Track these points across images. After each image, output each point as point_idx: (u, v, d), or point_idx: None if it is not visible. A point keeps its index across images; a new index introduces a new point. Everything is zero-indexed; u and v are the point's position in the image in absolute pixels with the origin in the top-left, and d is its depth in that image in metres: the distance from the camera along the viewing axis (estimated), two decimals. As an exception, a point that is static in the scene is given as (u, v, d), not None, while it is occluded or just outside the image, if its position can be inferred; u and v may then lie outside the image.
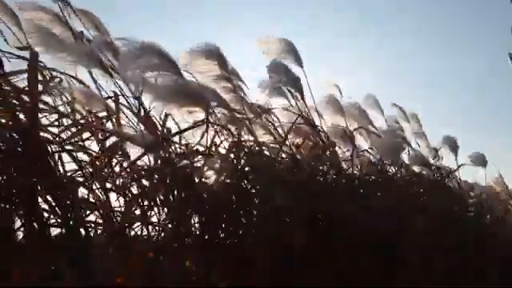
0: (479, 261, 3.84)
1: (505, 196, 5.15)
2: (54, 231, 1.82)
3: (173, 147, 2.41)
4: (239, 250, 2.41)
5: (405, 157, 3.87)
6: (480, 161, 4.71)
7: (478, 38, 11.55)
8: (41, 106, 1.87)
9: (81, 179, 1.93)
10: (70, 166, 1.92)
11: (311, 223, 2.75)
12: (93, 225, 1.93)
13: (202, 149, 2.47)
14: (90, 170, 1.96)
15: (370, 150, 3.58)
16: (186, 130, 2.46)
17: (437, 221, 3.52)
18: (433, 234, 3.39)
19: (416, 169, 3.97)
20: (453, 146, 4.42)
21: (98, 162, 2.01)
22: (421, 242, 3.25)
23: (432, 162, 4.20)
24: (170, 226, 2.26)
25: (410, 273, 3.13)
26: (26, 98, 1.81)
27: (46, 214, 1.80)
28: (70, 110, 2.00)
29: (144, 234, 2.12)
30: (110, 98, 2.22)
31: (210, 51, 2.73)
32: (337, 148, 3.31)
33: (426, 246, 3.30)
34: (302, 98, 3.24)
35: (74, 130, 1.96)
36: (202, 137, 2.48)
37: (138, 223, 2.11)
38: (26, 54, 1.92)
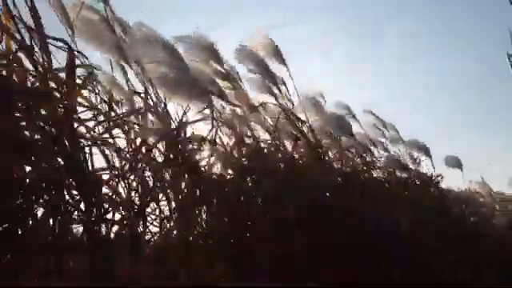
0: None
1: (490, 200, 5.43)
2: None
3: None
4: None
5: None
6: (454, 163, 4.97)
7: (478, 38, 11.75)
8: (80, 100, 1.86)
9: (107, 176, 1.95)
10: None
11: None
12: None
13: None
14: (118, 167, 1.98)
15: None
16: (191, 122, 2.53)
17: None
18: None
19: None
20: (423, 149, 4.63)
21: (123, 158, 2.03)
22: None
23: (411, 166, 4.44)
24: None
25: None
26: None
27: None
28: (106, 108, 1.99)
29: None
30: (139, 93, 2.22)
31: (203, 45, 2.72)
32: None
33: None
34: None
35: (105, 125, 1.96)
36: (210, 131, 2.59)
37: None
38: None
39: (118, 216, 2.00)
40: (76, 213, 1.84)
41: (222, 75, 2.81)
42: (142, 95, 2.25)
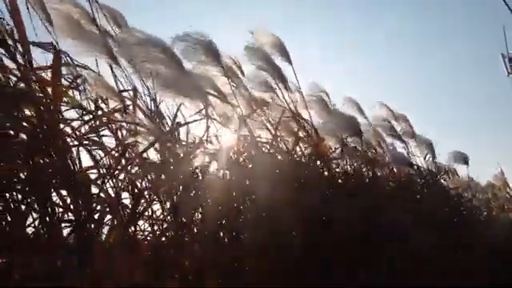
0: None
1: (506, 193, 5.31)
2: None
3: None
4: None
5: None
6: (460, 159, 4.89)
7: (478, 38, 11.67)
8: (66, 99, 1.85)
9: (95, 176, 1.94)
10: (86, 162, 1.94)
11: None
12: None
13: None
14: (105, 166, 1.97)
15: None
16: (187, 123, 2.49)
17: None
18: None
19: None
20: (429, 146, 4.56)
21: (111, 157, 2.02)
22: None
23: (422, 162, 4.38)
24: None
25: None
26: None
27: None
28: (93, 107, 1.98)
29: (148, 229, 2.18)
30: (126, 90, 2.21)
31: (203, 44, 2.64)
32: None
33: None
34: (286, 89, 3.27)
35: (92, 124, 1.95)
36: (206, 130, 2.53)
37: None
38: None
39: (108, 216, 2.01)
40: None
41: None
42: (131, 93, 2.22)
